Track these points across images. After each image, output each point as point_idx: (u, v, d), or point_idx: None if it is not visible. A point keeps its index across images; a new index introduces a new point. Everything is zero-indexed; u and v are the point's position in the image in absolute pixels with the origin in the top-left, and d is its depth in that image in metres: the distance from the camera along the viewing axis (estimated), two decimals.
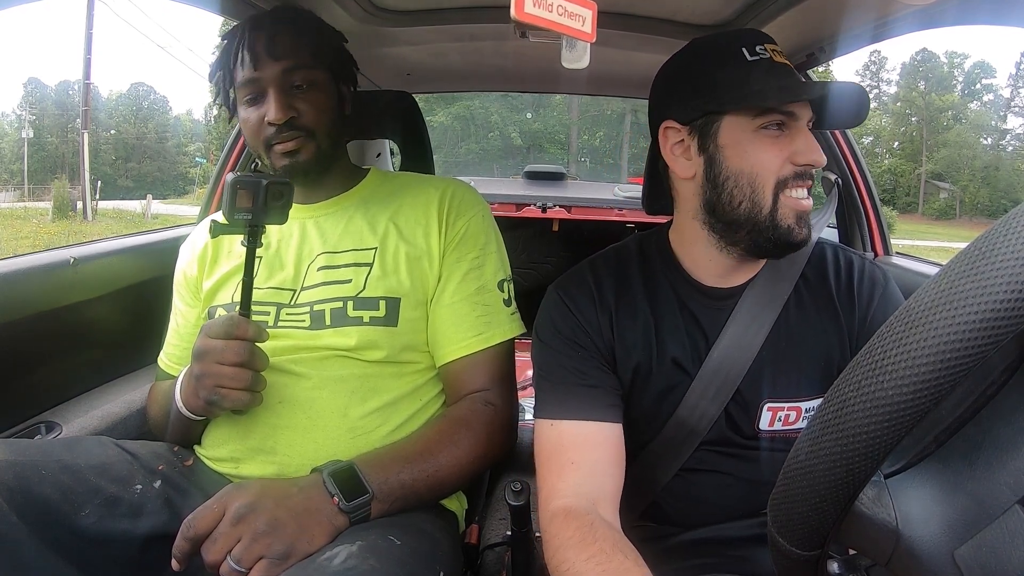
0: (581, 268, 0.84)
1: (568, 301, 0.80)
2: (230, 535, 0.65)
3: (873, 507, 0.37)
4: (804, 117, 0.71)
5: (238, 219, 0.75)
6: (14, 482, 0.69)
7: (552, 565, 0.66)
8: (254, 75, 0.87)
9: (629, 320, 0.79)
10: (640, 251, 0.84)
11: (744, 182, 0.71)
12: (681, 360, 0.77)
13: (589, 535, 0.65)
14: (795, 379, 0.76)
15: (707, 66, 0.73)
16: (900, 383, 0.29)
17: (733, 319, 0.76)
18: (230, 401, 0.76)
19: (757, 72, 0.70)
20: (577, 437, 0.74)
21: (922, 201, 33.86)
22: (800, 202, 0.71)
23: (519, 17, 0.50)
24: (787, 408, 0.76)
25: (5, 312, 0.95)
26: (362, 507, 0.72)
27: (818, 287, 0.79)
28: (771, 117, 0.69)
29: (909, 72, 36.44)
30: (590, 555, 0.63)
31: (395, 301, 0.87)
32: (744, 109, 0.70)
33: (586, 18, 0.54)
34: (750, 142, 0.70)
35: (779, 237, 0.71)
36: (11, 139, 35.83)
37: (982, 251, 0.28)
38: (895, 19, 1.04)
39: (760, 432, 0.77)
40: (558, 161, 22.85)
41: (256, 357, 0.77)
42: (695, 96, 0.73)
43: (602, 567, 0.61)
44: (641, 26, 1.28)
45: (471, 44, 1.44)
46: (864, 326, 0.77)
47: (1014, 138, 34.94)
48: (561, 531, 0.66)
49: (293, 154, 0.88)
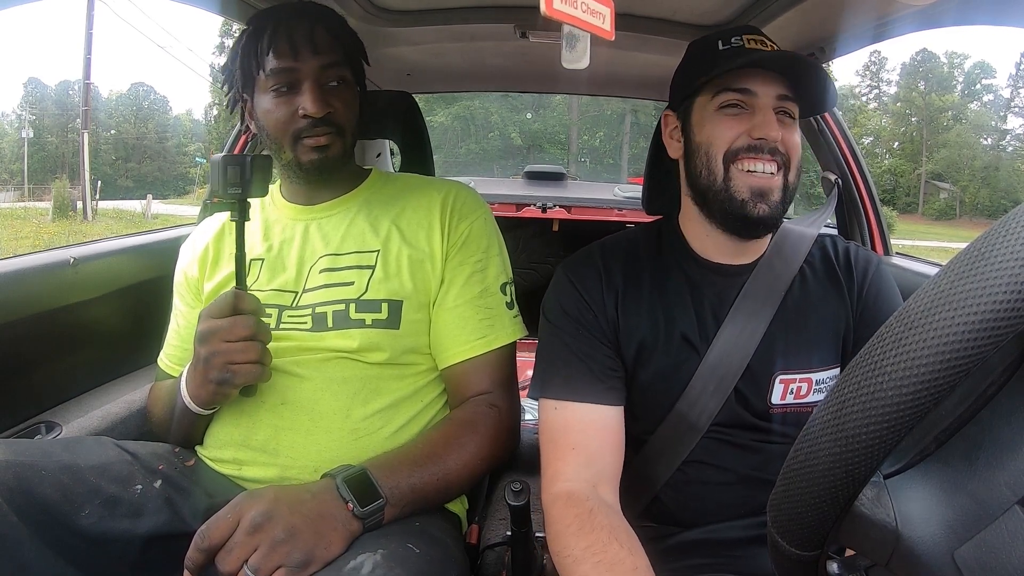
0: (590, 249, 0.88)
1: (575, 280, 0.83)
2: (246, 544, 0.64)
3: (873, 507, 0.37)
4: (767, 95, 0.76)
5: (230, 193, 0.77)
6: (14, 482, 0.69)
7: (554, 549, 0.71)
8: (293, 65, 0.86)
9: (636, 298, 0.81)
10: (650, 234, 0.89)
11: (702, 152, 0.78)
12: (690, 336, 0.79)
13: (588, 523, 0.69)
14: (805, 350, 0.79)
15: (693, 59, 0.83)
16: (899, 384, 0.29)
17: (744, 294, 0.80)
18: (242, 376, 0.76)
19: (721, 58, 0.77)
20: (580, 421, 0.77)
21: (922, 201, 33.85)
22: (753, 176, 0.76)
23: (549, 13, 0.51)
24: (799, 380, 0.79)
25: (5, 312, 0.95)
26: (376, 512, 0.71)
27: (822, 266, 0.84)
28: (727, 96, 0.76)
29: (909, 72, 36.43)
30: (588, 544, 0.67)
31: (397, 303, 0.87)
32: (705, 90, 0.78)
33: (606, 16, 0.56)
34: (710, 119, 0.78)
35: (735, 209, 0.76)
36: (11, 139, 35.78)
37: (982, 252, 0.28)
38: (895, 19, 1.04)
39: (772, 407, 0.78)
40: (558, 161, 22.84)
41: (262, 328, 0.78)
42: (679, 86, 0.84)
43: (597, 557, 0.65)
44: (641, 26, 1.28)
45: (471, 44, 1.44)
46: (860, 298, 0.82)
47: (1014, 138, 34.95)
48: (562, 516, 0.71)
49: (323, 149, 0.89)
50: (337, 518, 0.69)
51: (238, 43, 0.91)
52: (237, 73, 0.91)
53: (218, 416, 0.88)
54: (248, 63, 0.89)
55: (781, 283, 0.80)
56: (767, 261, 0.82)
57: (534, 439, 1.06)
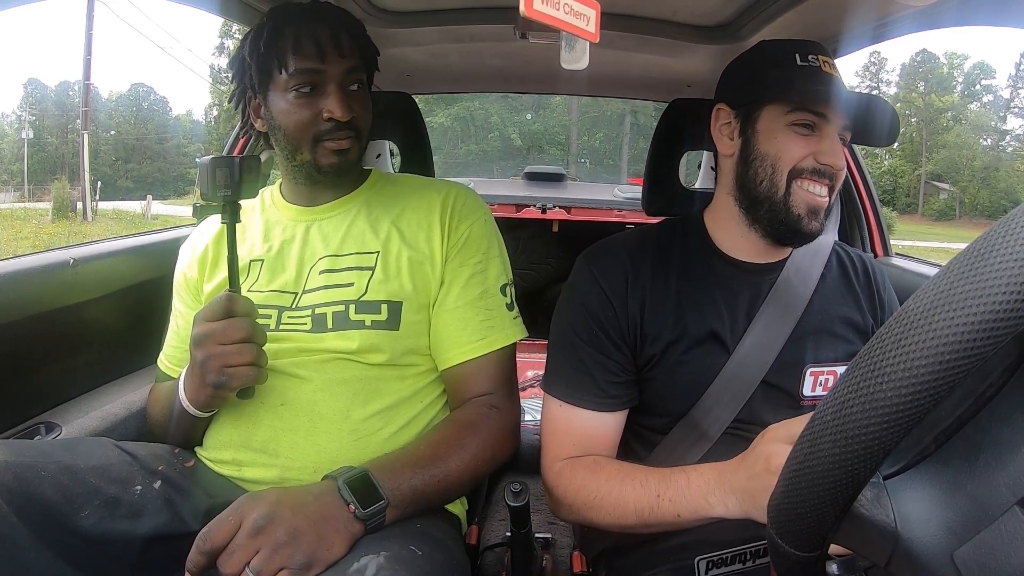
0: (615, 242, 0.89)
1: (599, 275, 0.84)
2: (248, 547, 0.64)
3: (872, 509, 0.37)
4: (836, 124, 0.78)
5: (219, 196, 0.77)
6: (14, 483, 0.68)
7: (571, 503, 0.79)
8: (319, 67, 0.86)
9: (663, 294, 0.83)
10: (674, 230, 0.90)
11: (768, 163, 0.80)
12: (720, 333, 0.81)
13: (595, 466, 0.79)
14: (831, 344, 0.83)
15: (763, 62, 0.83)
16: (899, 385, 0.29)
17: (775, 291, 0.83)
18: (239, 378, 0.76)
19: (802, 75, 0.78)
20: (581, 424, 0.82)
21: (922, 202, 33.84)
22: (814, 196, 0.79)
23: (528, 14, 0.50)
24: (826, 372, 0.82)
25: (5, 312, 0.95)
26: (378, 514, 0.71)
27: (839, 271, 0.89)
28: (802, 115, 0.78)
29: (909, 73, 36.44)
30: (606, 476, 0.77)
31: (397, 305, 0.87)
32: (781, 103, 0.79)
33: (590, 18, 0.55)
34: (780, 132, 0.79)
35: (791, 222, 0.79)
36: (11, 140, 35.78)
37: (981, 252, 0.28)
38: (895, 20, 1.04)
39: (803, 399, 0.81)
40: (558, 162, 22.86)
41: (258, 330, 0.78)
42: (747, 86, 0.83)
43: (620, 475, 0.76)
44: (641, 27, 1.28)
45: (471, 45, 1.44)
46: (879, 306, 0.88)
47: (1014, 139, 34.94)
48: (571, 476, 0.80)
49: (344, 152, 0.89)
50: (339, 520, 0.69)
51: (256, 38, 0.88)
52: (252, 70, 0.89)
53: (218, 417, 0.88)
54: (268, 61, 0.87)
55: (810, 281, 0.84)
56: (794, 262, 0.85)
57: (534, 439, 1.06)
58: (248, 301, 0.79)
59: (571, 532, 1.22)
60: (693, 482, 0.72)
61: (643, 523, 0.74)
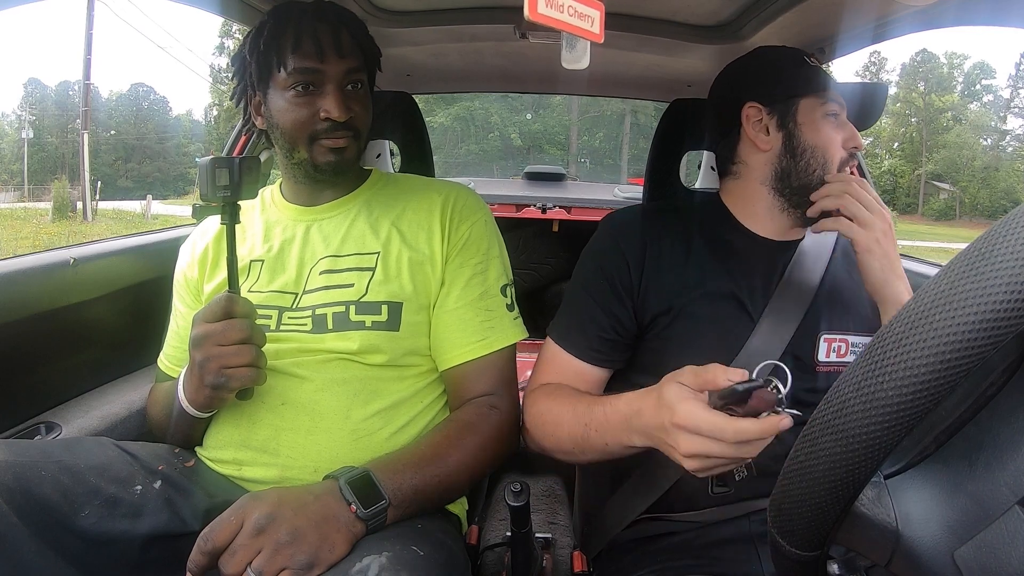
0: (637, 206, 0.96)
1: (616, 232, 0.90)
2: (250, 547, 0.64)
3: (873, 508, 0.37)
4: (845, 111, 0.87)
5: (219, 196, 0.77)
6: (14, 483, 0.68)
7: (530, 426, 0.86)
8: (318, 66, 0.86)
9: (682, 256, 0.87)
10: (692, 198, 0.97)
11: (819, 154, 0.85)
12: (740, 296, 0.85)
13: (554, 391, 0.85)
14: (841, 313, 0.87)
15: (785, 63, 0.90)
16: (900, 384, 0.29)
17: (796, 261, 0.88)
18: (238, 379, 0.76)
19: (820, 72, 0.88)
20: (563, 366, 0.88)
21: (922, 202, 33.84)
22: None
23: (532, 17, 0.50)
24: (838, 340, 0.86)
25: (5, 312, 0.95)
26: (379, 514, 0.71)
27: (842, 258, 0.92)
28: (833, 106, 0.85)
29: (909, 73, 36.42)
30: (557, 402, 0.82)
31: (397, 305, 0.87)
32: (815, 95, 0.86)
33: (595, 19, 0.55)
34: (822, 124, 0.85)
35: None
36: (11, 139, 35.78)
37: (982, 252, 0.28)
38: (895, 20, 1.05)
39: (819, 364, 0.84)
40: (558, 162, 22.88)
41: (256, 331, 0.78)
42: (778, 83, 0.88)
43: (564, 402, 0.81)
44: (641, 27, 1.28)
45: (471, 45, 1.44)
46: None
47: (1014, 139, 34.93)
48: (534, 400, 0.86)
49: (340, 151, 0.89)
50: (341, 520, 0.68)
51: (257, 36, 0.89)
52: (252, 67, 0.90)
53: (218, 416, 0.88)
54: (267, 58, 0.87)
55: (822, 259, 0.89)
56: (806, 242, 0.90)
57: None
58: (247, 302, 0.79)
59: (571, 532, 1.22)
60: (610, 416, 0.73)
61: (580, 450, 0.78)
